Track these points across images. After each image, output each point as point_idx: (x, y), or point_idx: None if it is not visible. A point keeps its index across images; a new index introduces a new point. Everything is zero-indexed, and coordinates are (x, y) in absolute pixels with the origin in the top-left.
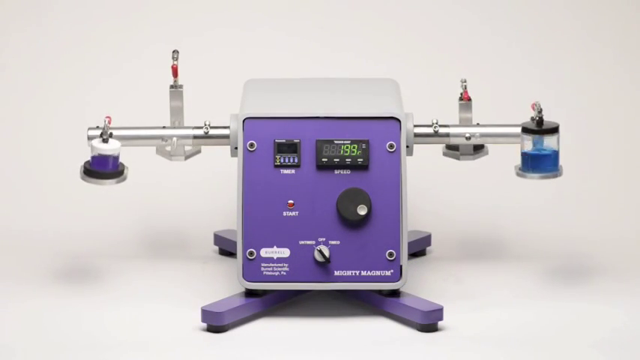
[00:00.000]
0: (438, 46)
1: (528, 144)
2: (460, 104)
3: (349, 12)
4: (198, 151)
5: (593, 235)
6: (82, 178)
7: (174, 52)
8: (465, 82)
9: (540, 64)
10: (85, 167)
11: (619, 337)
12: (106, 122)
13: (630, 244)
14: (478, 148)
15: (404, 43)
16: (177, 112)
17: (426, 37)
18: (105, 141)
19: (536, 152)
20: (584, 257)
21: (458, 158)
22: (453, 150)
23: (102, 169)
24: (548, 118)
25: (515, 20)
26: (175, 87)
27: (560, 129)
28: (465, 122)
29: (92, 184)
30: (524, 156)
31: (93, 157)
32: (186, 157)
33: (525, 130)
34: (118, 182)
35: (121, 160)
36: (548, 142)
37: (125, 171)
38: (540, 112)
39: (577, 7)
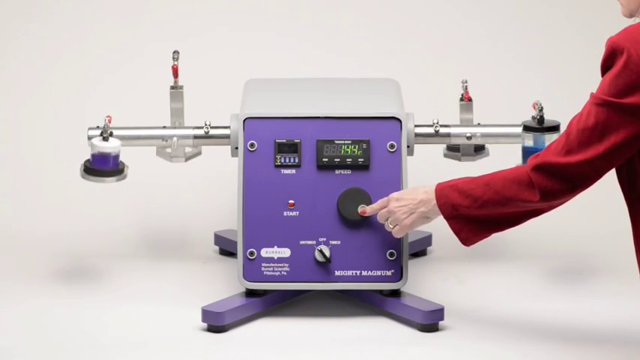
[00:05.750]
0: (439, 47)
1: (529, 142)
2: (461, 105)
3: (350, 13)
4: (199, 153)
5: (593, 235)
6: (83, 177)
7: (174, 52)
8: (466, 82)
9: (540, 64)
10: (85, 165)
11: (619, 336)
12: (107, 121)
13: (630, 243)
14: (479, 149)
15: (405, 44)
16: (177, 114)
17: (426, 38)
18: (105, 139)
19: (537, 149)
20: (585, 257)
21: (459, 159)
22: (453, 151)
23: (102, 167)
24: (548, 115)
25: (515, 21)
26: (176, 88)
27: (561, 129)
28: (466, 123)
29: (92, 183)
30: (526, 151)
31: (93, 156)
32: (187, 159)
33: (527, 128)
34: (118, 180)
35: (121, 159)
36: (550, 140)
37: (125, 169)
38: (541, 110)
39: (577, 7)
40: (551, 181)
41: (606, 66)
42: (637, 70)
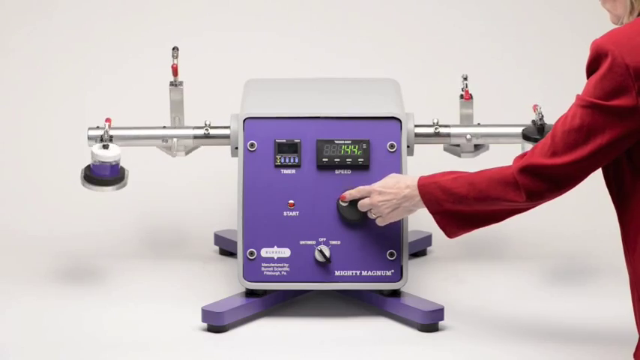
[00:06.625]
0: (439, 47)
1: (529, 147)
2: (461, 101)
3: (350, 13)
4: (200, 145)
5: (593, 235)
6: (83, 184)
7: (173, 49)
8: (467, 78)
9: (540, 64)
10: (85, 173)
11: (619, 336)
12: (107, 126)
13: None
14: (479, 145)
15: (405, 44)
16: (177, 107)
17: (426, 38)
18: (105, 147)
19: None
20: (584, 257)
21: (459, 154)
22: (454, 145)
23: (102, 175)
24: (548, 117)
25: (515, 21)
26: (175, 84)
27: None
28: (466, 118)
29: (92, 191)
30: None
31: (93, 164)
32: (187, 152)
33: (526, 137)
34: (118, 188)
35: (121, 162)
36: None
37: (125, 175)
38: (542, 118)
39: (577, 7)
40: (536, 182)
41: (591, 69)
42: (621, 72)
